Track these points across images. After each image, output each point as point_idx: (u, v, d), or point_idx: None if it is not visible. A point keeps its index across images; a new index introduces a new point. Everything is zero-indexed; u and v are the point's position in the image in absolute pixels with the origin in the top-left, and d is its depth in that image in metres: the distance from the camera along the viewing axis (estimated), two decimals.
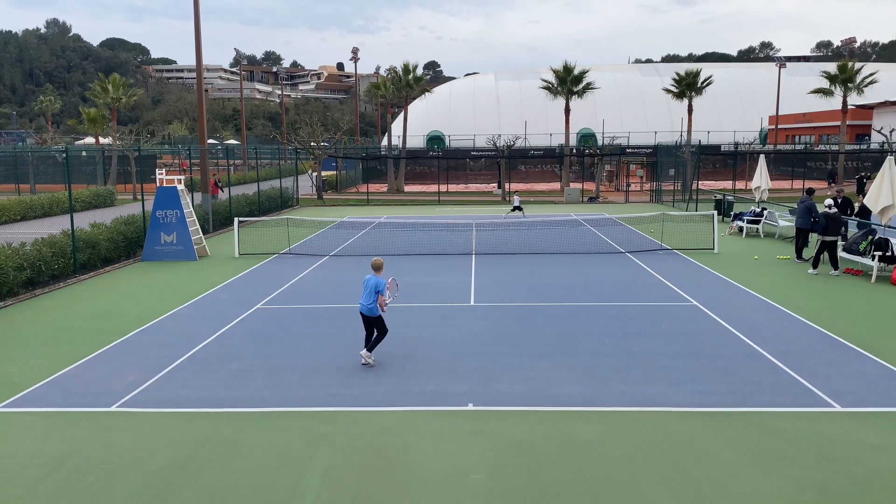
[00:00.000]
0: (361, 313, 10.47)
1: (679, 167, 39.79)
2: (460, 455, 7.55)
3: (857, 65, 49.56)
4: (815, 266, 17.84)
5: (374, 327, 10.51)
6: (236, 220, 22.44)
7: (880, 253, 16.52)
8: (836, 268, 17.44)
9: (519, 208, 31.24)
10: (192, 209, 21.53)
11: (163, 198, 20.45)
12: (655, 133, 65.80)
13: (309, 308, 14.34)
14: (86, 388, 9.74)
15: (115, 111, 53.25)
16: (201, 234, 21.56)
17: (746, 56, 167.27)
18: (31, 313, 14.20)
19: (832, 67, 50.67)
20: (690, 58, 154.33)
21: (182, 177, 21.80)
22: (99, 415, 8.80)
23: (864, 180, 37.94)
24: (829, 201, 18.02)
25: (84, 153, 54.42)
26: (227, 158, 37.99)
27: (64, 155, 28.29)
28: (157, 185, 20.75)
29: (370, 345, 10.52)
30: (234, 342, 11.87)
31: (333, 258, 20.58)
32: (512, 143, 48.52)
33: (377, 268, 10.48)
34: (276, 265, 19.46)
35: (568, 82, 47.90)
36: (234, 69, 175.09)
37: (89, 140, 64.52)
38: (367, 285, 10.36)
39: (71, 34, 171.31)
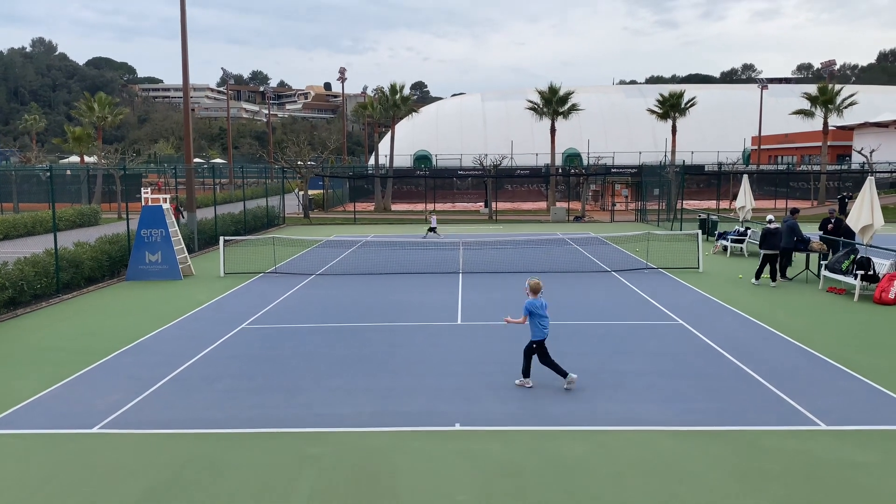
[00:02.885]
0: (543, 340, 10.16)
1: (664, 187, 40.14)
2: (447, 476, 7.50)
3: (837, 87, 50.43)
4: (757, 277, 18.96)
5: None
6: (222, 239, 22.35)
7: (862, 272, 16.69)
8: (773, 278, 18.63)
9: (433, 229, 30.74)
10: (177, 228, 21.42)
11: (148, 217, 20.34)
12: (640, 153, 66.42)
13: (294, 328, 14.26)
14: (68, 409, 9.60)
15: (101, 130, 53.06)
16: (186, 254, 21.45)
17: (729, 77, 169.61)
18: (13, 333, 14.02)
19: (813, 89, 51.52)
20: (674, 79, 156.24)
21: (168, 196, 21.69)
22: (81, 436, 8.67)
23: (846, 200, 38.43)
24: (770, 217, 19.42)
25: (69, 172, 54.11)
26: (214, 177, 37.85)
27: (48, 174, 28.15)
28: (143, 203, 20.66)
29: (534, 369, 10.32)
30: (219, 362, 11.77)
31: (319, 277, 20.50)
32: (498, 162, 48.78)
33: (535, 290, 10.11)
34: (262, 284, 19.36)
35: (553, 103, 48.40)
36: (220, 88, 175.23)
37: (74, 159, 64.20)
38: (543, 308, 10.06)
39: (57, 53, 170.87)
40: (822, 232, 20.63)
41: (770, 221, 19.07)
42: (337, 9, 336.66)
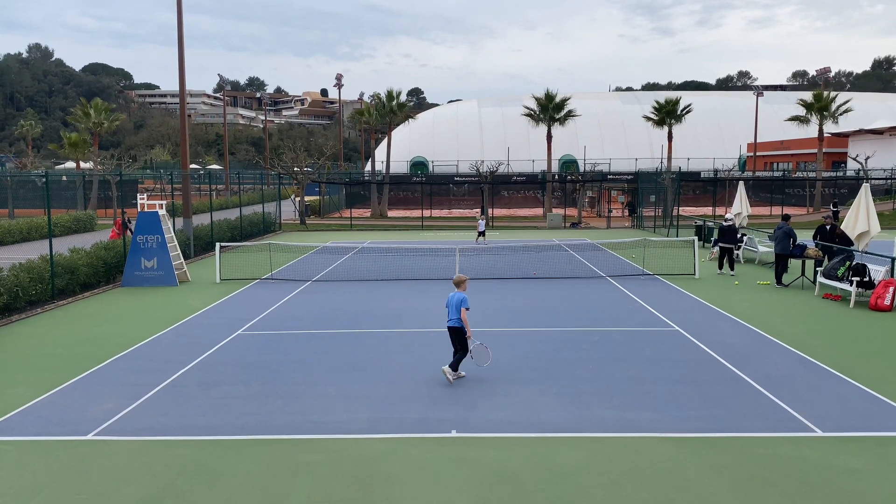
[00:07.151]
0: (450, 328, 10.95)
1: (660, 193, 40.22)
2: (443, 483, 7.48)
3: (832, 94, 50.66)
4: (720, 268, 21.78)
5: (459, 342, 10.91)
6: (218, 245, 22.32)
7: (858, 278, 16.73)
8: (731, 268, 21.50)
9: (482, 233, 31.39)
10: (172, 234, 21.39)
11: (144, 223, 20.30)
12: (636, 160, 66.60)
13: (290, 334, 14.23)
14: (62, 416, 9.56)
15: (97, 136, 53.05)
16: (182, 260, 21.41)
17: (725, 85, 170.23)
18: (8, 340, 13.96)
19: (808, 96, 51.73)
20: (670, 86, 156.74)
21: (164, 202, 21.65)
22: (75, 443, 8.63)
23: (836, 208, 38.45)
24: (730, 215, 23.22)
25: (65, 178, 53.99)
26: (210, 183, 37.77)
27: (44, 179, 28.12)
28: (139, 209, 20.62)
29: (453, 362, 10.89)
30: (215, 369, 11.73)
31: (315, 283, 20.48)
32: (495, 168, 48.82)
33: (458, 283, 11.21)
34: (258, 291, 19.32)
35: (550, 110, 48.49)
36: (217, 94, 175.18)
37: (70, 165, 64.11)
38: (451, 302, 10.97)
39: (53, 59, 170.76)
40: (818, 239, 20.65)
41: (727, 220, 22.20)
42: (335, 16, 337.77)
